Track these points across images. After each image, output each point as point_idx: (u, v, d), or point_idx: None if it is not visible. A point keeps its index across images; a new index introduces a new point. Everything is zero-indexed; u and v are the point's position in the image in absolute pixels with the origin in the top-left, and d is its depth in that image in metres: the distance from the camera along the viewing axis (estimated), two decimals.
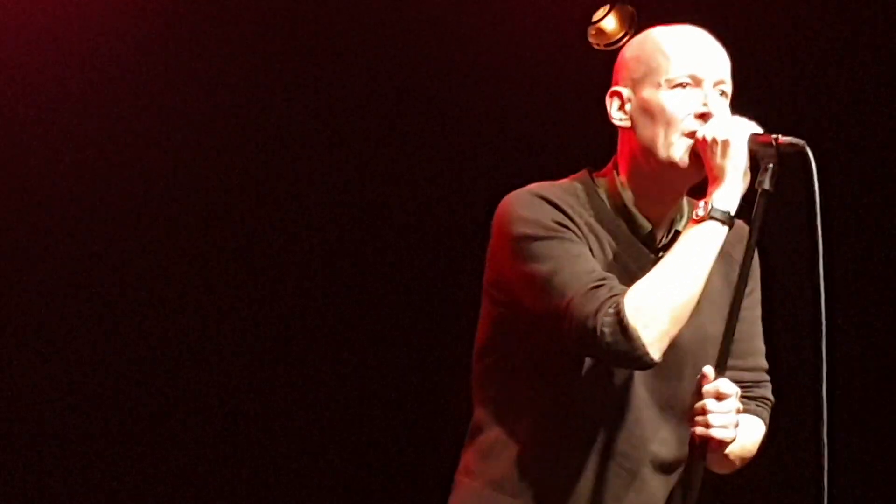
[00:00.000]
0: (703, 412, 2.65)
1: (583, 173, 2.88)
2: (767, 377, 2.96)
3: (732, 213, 2.67)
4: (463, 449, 2.89)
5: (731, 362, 2.75)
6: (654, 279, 2.65)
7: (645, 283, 2.65)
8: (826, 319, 2.59)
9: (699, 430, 2.65)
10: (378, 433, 5.17)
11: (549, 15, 4.89)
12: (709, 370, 2.66)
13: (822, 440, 2.57)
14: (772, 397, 2.96)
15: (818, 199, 2.62)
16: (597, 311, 2.61)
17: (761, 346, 2.95)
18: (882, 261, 5.14)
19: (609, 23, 4.95)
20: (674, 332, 2.63)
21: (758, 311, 2.94)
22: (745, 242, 2.73)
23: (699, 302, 2.68)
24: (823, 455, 2.57)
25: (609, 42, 4.93)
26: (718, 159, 2.67)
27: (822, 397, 2.57)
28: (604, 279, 2.67)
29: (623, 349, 2.61)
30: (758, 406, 2.92)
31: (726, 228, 2.66)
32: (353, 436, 5.16)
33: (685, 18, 4.80)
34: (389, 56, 4.94)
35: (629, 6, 4.93)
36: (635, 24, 4.92)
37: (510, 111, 5.02)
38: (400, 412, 5.17)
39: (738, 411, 2.69)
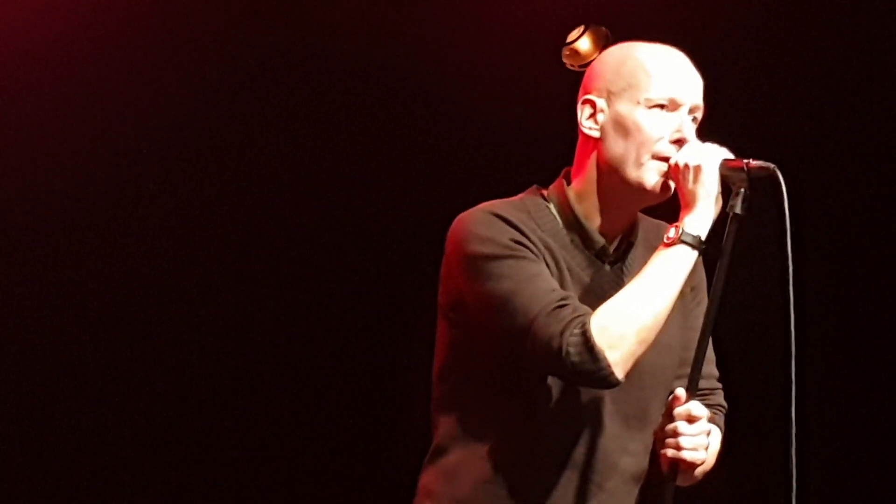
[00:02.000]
0: (675, 434, 2.67)
1: (532, 190, 2.86)
2: (720, 385, 2.98)
3: (703, 239, 2.68)
4: (422, 472, 2.86)
5: (685, 371, 2.79)
6: (622, 300, 2.65)
7: (612, 303, 2.65)
8: (796, 337, 2.61)
9: (670, 451, 2.67)
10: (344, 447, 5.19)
11: (524, 36, 4.92)
12: (681, 392, 2.68)
13: (791, 450, 2.59)
14: (725, 404, 2.97)
15: (788, 220, 2.64)
16: (562, 331, 2.61)
17: (712, 355, 2.95)
18: (852, 278, 5.18)
19: (583, 44, 4.99)
20: (639, 352, 2.64)
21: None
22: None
23: None
24: (792, 466, 2.58)
25: (583, 63, 4.96)
26: (690, 185, 2.68)
27: (791, 416, 2.58)
28: (566, 298, 2.66)
29: (588, 369, 2.61)
30: (714, 413, 2.92)
31: (696, 253, 2.67)
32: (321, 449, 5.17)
33: (658, 39, 4.89)
34: (362, 72, 4.97)
35: (603, 28, 4.96)
36: (610, 45, 4.90)
37: (483, 130, 5.04)
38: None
39: (708, 434, 2.70)
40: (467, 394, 2.78)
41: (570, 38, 4.96)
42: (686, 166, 2.68)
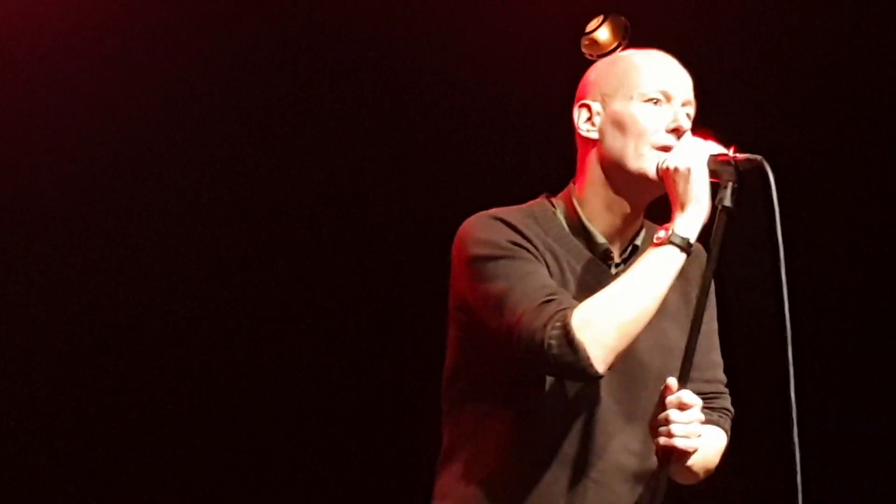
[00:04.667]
0: (667, 422, 2.69)
1: (541, 198, 2.93)
2: (726, 390, 3.01)
3: (692, 241, 2.72)
4: (436, 475, 2.92)
5: (693, 374, 2.80)
6: (605, 295, 2.69)
7: (595, 298, 2.69)
8: (790, 327, 2.63)
9: (662, 439, 2.69)
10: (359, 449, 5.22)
11: (543, 26, 4.92)
12: (672, 381, 2.71)
13: (795, 448, 2.60)
14: (732, 408, 3.00)
15: (777, 211, 2.66)
16: (545, 325, 2.65)
17: (719, 360, 3.00)
18: (844, 270, 5.17)
19: (602, 34, 4.98)
20: (620, 347, 2.67)
21: (714, 326, 2.99)
22: (699, 260, 2.80)
23: (658, 316, 2.73)
24: (797, 465, 2.60)
25: (602, 53, 4.94)
26: (681, 187, 2.72)
27: (791, 407, 2.59)
28: (554, 294, 2.71)
29: (568, 360, 2.64)
30: (719, 417, 2.96)
31: (684, 256, 2.70)
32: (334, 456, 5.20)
33: (678, 29, 4.89)
34: (381, 66, 4.97)
35: (623, 17, 4.96)
36: (629, 34, 4.95)
37: (502, 121, 5.04)
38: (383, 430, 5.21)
39: (701, 422, 2.73)
40: (475, 395, 2.84)
41: (590, 27, 4.96)
42: (676, 169, 2.73)
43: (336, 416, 5.18)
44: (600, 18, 4.96)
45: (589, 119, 2.87)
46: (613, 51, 4.94)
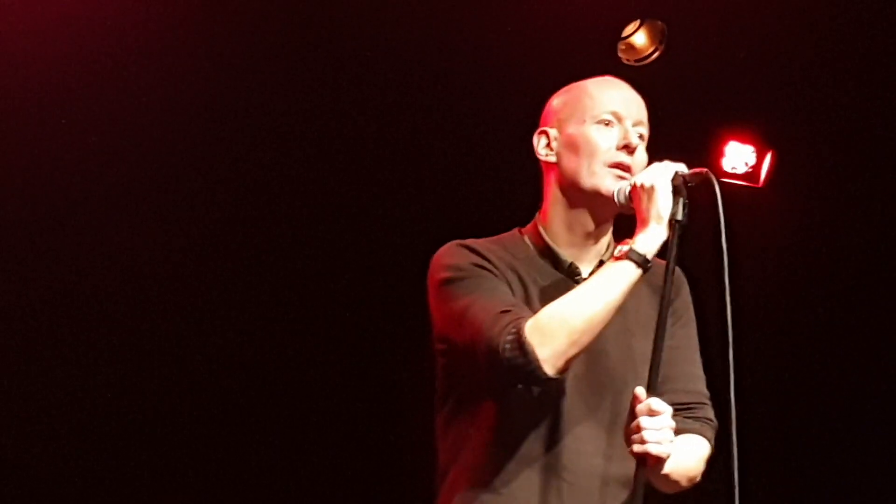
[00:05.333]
0: (638, 429, 2.74)
1: (512, 231, 3.06)
2: (708, 401, 3.03)
3: (649, 257, 2.80)
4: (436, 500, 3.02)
5: (669, 385, 2.92)
6: (559, 304, 2.80)
7: (549, 306, 2.81)
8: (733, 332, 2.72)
9: (636, 447, 2.74)
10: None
11: (579, 30, 4.86)
12: (640, 391, 2.75)
13: (733, 455, 2.71)
14: (714, 417, 3.02)
15: (723, 221, 2.74)
16: (500, 332, 2.77)
17: (699, 374, 3.04)
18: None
19: (639, 38, 4.94)
20: (571, 352, 2.76)
21: (691, 339, 3.04)
22: (675, 277, 2.88)
23: (631, 328, 2.90)
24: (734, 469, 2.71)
25: (639, 58, 4.93)
26: (644, 204, 2.82)
27: (731, 419, 2.71)
28: (512, 305, 2.84)
29: (519, 363, 2.75)
30: (702, 425, 3.00)
31: (640, 271, 2.80)
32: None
33: (714, 32, 4.86)
34: (416, 68, 4.94)
35: (659, 22, 4.90)
36: (665, 39, 4.91)
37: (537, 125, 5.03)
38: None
39: (673, 428, 2.77)
40: (459, 416, 2.96)
41: (626, 32, 4.90)
42: (642, 186, 2.83)
43: (339, 423, 5.28)
44: (637, 23, 4.89)
45: (547, 145, 3.00)
46: (650, 55, 4.93)
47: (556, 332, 2.74)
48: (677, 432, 2.81)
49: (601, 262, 2.95)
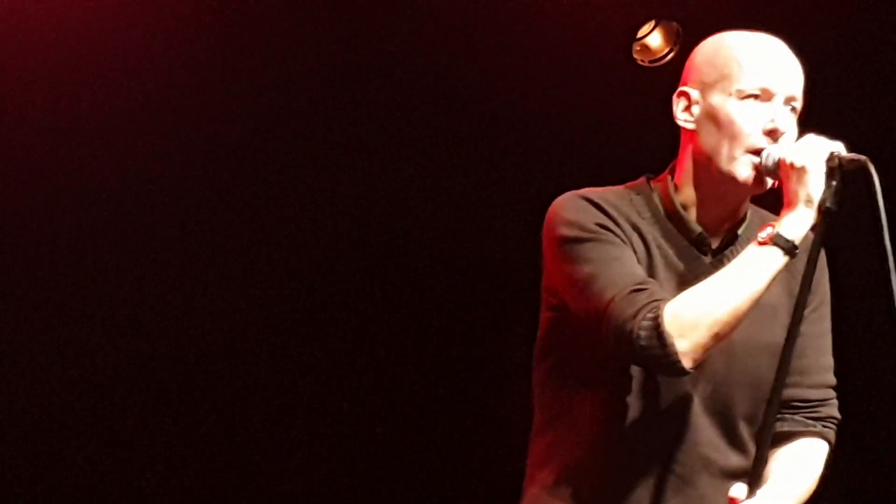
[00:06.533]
0: None
1: (641, 180, 2.87)
2: (833, 394, 2.91)
3: (797, 243, 2.64)
4: (529, 447, 2.91)
5: (796, 379, 2.80)
6: (700, 291, 2.64)
7: (690, 293, 2.65)
8: None
9: None
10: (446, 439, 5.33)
11: (594, 31, 4.85)
12: (738, 492, 2.68)
13: None
14: (838, 415, 2.92)
15: (883, 213, 2.60)
16: (635, 315, 2.61)
17: (829, 363, 2.90)
18: None
19: (654, 39, 4.91)
20: (711, 345, 2.62)
21: (825, 326, 2.90)
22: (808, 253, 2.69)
23: (758, 312, 2.68)
24: None
25: (654, 59, 4.91)
26: (794, 184, 2.64)
27: None
28: (644, 283, 2.67)
29: (656, 354, 2.61)
30: (824, 427, 2.88)
31: (787, 258, 2.64)
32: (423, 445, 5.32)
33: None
34: (434, 70, 4.93)
35: (674, 23, 4.88)
36: (680, 40, 4.88)
37: (553, 126, 5.03)
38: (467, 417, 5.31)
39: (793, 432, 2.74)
40: (562, 376, 2.82)
41: (641, 33, 4.88)
42: (792, 165, 2.64)
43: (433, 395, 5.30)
44: (651, 23, 4.87)
45: (687, 108, 2.78)
46: (665, 56, 4.90)
47: (697, 323, 2.59)
48: (799, 434, 2.77)
49: (735, 235, 2.79)
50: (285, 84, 4.84)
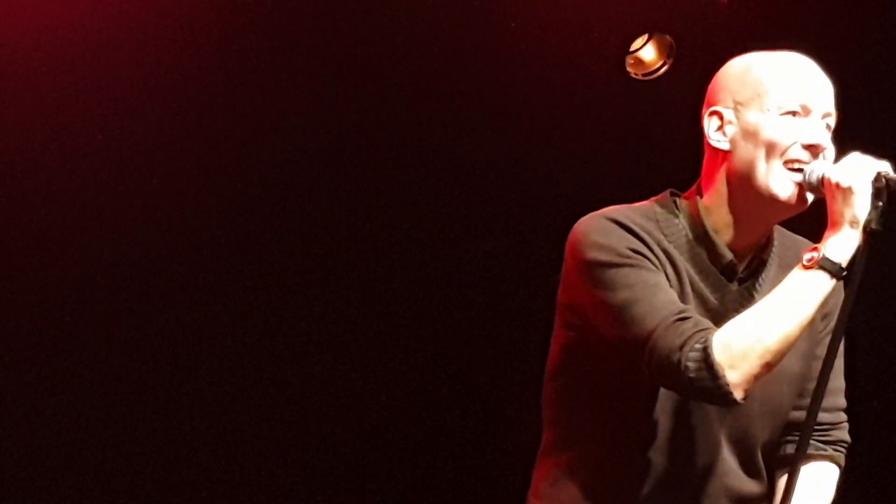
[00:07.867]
0: None
1: (664, 196, 2.82)
2: (845, 417, 2.90)
3: (844, 266, 2.58)
4: (534, 469, 2.88)
5: (805, 402, 2.76)
6: (748, 320, 2.59)
7: (738, 321, 2.60)
8: None
9: None
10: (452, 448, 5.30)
11: (588, 44, 4.86)
12: None
13: None
14: (848, 438, 2.91)
15: None
16: (682, 345, 2.57)
17: (841, 384, 2.89)
18: None
19: (647, 52, 4.92)
20: (762, 374, 2.58)
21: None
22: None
23: None
24: None
25: (647, 72, 4.91)
26: (839, 205, 2.59)
27: None
28: (686, 311, 2.62)
29: (707, 386, 2.56)
30: (835, 451, 2.88)
31: (833, 282, 2.58)
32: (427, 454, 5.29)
33: (723, 46, 4.82)
34: (429, 83, 4.93)
35: (668, 36, 4.89)
36: (674, 53, 4.90)
37: (546, 140, 5.03)
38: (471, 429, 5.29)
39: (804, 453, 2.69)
40: (578, 396, 2.78)
41: (635, 46, 4.89)
42: (837, 185, 2.59)
43: (443, 406, 5.28)
44: (645, 37, 4.88)
45: (720, 128, 2.73)
46: (658, 70, 4.91)
47: (748, 353, 2.55)
48: (809, 458, 2.75)
49: (762, 262, 2.76)
50: (294, 86, 4.86)
